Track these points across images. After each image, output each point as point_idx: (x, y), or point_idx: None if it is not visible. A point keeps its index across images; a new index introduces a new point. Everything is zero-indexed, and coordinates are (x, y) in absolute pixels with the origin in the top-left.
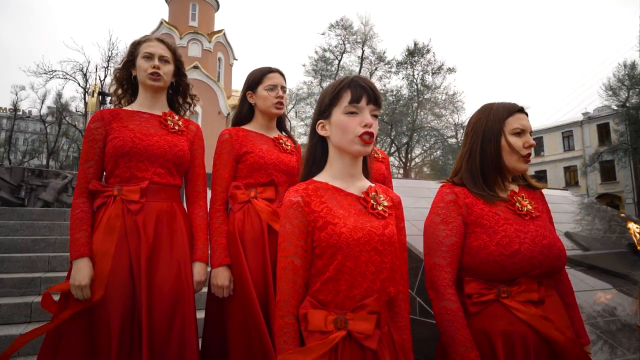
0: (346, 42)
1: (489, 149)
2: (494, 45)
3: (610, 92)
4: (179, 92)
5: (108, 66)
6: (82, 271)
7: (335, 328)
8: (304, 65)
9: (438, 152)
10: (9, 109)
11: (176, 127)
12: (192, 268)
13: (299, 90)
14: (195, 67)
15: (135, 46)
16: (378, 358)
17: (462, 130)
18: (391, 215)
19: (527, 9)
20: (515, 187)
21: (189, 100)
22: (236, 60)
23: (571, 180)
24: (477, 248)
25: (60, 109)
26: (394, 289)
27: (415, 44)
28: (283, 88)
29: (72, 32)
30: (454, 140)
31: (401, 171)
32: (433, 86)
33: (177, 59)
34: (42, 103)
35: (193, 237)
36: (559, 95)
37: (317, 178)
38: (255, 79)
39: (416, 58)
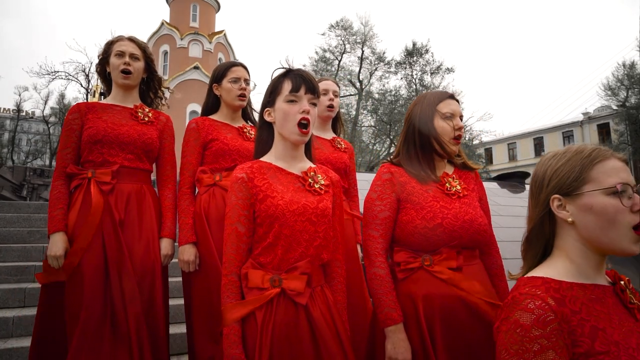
0: (346, 42)
1: (425, 132)
2: (494, 45)
3: (609, 92)
4: (150, 87)
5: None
6: (57, 244)
7: (271, 285)
8: (304, 66)
9: None
10: (12, 110)
11: (146, 119)
12: (160, 243)
13: None
14: (196, 68)
15: (109, 45)
16: (309, 312)
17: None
18: (328, 192)
19: (527, 8)
20: (450, 168)
21: (159, 94)
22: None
23: None
24: (405, 222)
25: (63, 110)
26: (328, 255)
27: (414, 44)
28: (246, 80)
29: (74, 33)
30: None
31: None
32: (432, 86)
33: (147, 57)
34: (45, 104)
35: (162, 216)
36: (561, 96)
37: (264, 158)
38: (220, 72)
39: (415, 58)
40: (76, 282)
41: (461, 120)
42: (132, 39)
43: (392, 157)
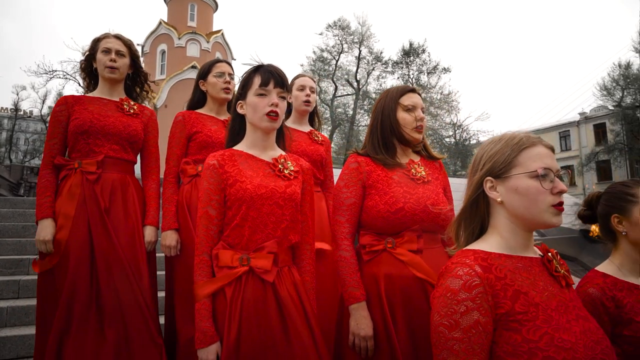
0: (343, 42)
1: (387, 123)
2: (493, 46)
3: (605, 92)
4: (135, 82)
5: None
6: (45, 229)
7: (239, 264)
8: (301, 65)
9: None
10: (10, 109)
11: (131, 111)
12: (144, 230)
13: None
14: (194, 67)
15: (96, 42)
16: (276, 290)
17: (460, 130)
18: (297, 178)
19: (523, 9)
20: (417, 157)
21: (145, 89)
22: (234, 60)
23: (569, 180)
24: (370, 207)
25: None
26: (296, 237)
27: (411, 44)
28: (230, 75)
29: (73, 33)
30: (452, 140)
31: None
32: (428, 86)
33: (132, 53)
34: (43, 103)
35: (146, 205)
36: (559, 96)
37: (236, 147)
38: (206, 69)
39: (411, 58)
40: (63, 267)
41: (423, 112)
42: (118, 37)
43: (362, 148)
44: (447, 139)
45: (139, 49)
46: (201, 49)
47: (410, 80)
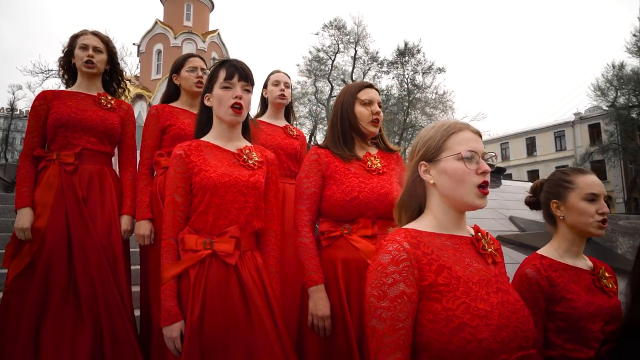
0: (339, 42)
1: (346, 117)
2: (488, 46)
3: (599, 93)
4: (113, 77)
5: None
6: (24, 217)
7: (203, 248)
8: (298, 65)
9: None
10: (6, 109)
11: (108, 105)
12: (120, 219)
13: (294, 90)
14: None
15: (74, 39)
16: (239, 272)
17: None
18: (261, 168)
19: (520, 10)
20: (374, 150)
21: (122, 85)
22: None
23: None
24: (328, 196)
25: None
26: (259, 224)
27: (406, 44)
28: (203, 69)
29: (69, 32)
30: None
31: None
32: (423, 86)
33: (109, 50)
34: None
35: (123, 195)
36: (556, 96)
37: (204, 138)
38: (179, 63)
39: (406, 58)
40: (39, 254)
41: (379, 107)
42: (95, 33)
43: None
44: None
45: (134, 48)
46: (197, 49)
47: (405, 80)
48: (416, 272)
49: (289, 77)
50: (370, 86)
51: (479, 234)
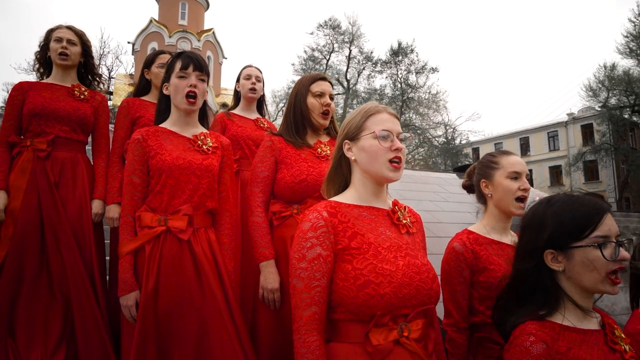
0: (334, 41)
1: (299, 108)
2: (483, 47)
3: (591, 93)
4: (88, 69)
5: (99, 64)
6: None
7: (158, 224)
8: (292, 65)
9: (421, 150)
10: (1, 107)
11: (82, 96)
12: (92, 203)
13: (290, 89)
14: None
15: (49, 32)
16: (192, 247)
17: (451, 129)
18: (215, 153)
19: (514, 11)
20: (327, 138)
21: (96, 78)
22: (225, 59)
23: (557, 180)
24: (279, 179)
25: None
26: (212, 204)
27: (399, 44)
28: None
29: None
30: (442, 139)
31: None
32: (417, 85)
33: (84, 43)
34: None
35: (95, 181)
36: (552, 97)
37: (162, 124)
38: (149, 59)
39: (400, 58)
40: (13, 236)
41: (331, 99)
42: (70, 27)
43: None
44: (437, 138)
45: (129, 47)
46: (192, 48)
47: (399, 79)
48: (332, 237)
49: (261, 72)
50: (323, 79)
51: (396, 207)
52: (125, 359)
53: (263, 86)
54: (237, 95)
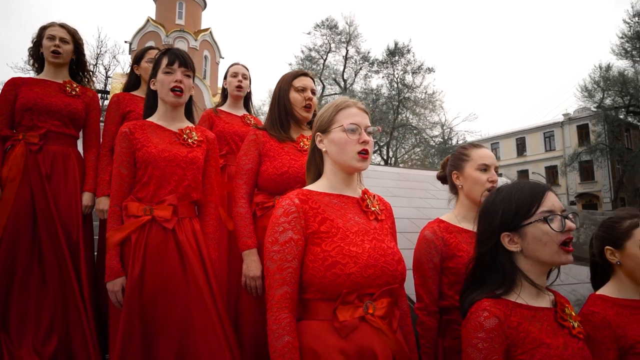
0: (331, 41)
1: (282, 103)
2: (480, 47)
3: (586, 94)
4: (79, 66)
5: (97, 63)
6: None
7: (144, 214)
8: (290, 64)
9: (418, 150)
10: None
11: (73, 92)
12: (82, 195)
13: None
14: None
15: (42, 30)
16: (176, 235)
17: (448, 130)
18: (200, 147)
19: (511, 11)
20: (308, 132)
21: (86, 75)
22: (223, 58)
23: (554, 180)
24: (262, 171)
25: None
26: (197, 195)
27: (396, 44)
28: None
29: None
30: (439, 139)
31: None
32: (413, 85)
33: (76, 41)
34: None
35: (85, 174)
36: (549, 97)
37: (150, 118)
38: (139, 55)
39: (396, 58)
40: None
41: (313, 94)
42: (62, 25)
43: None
44: (434, 138)
45: (126, 46)
46: (189, 47)
47: (395, 79)
48: (303, 222)
49: (247, 69)
50: (304, 74)
51: (366, 195)
52: (113, 343)
53: (250, 84)
54: (224, 93)
